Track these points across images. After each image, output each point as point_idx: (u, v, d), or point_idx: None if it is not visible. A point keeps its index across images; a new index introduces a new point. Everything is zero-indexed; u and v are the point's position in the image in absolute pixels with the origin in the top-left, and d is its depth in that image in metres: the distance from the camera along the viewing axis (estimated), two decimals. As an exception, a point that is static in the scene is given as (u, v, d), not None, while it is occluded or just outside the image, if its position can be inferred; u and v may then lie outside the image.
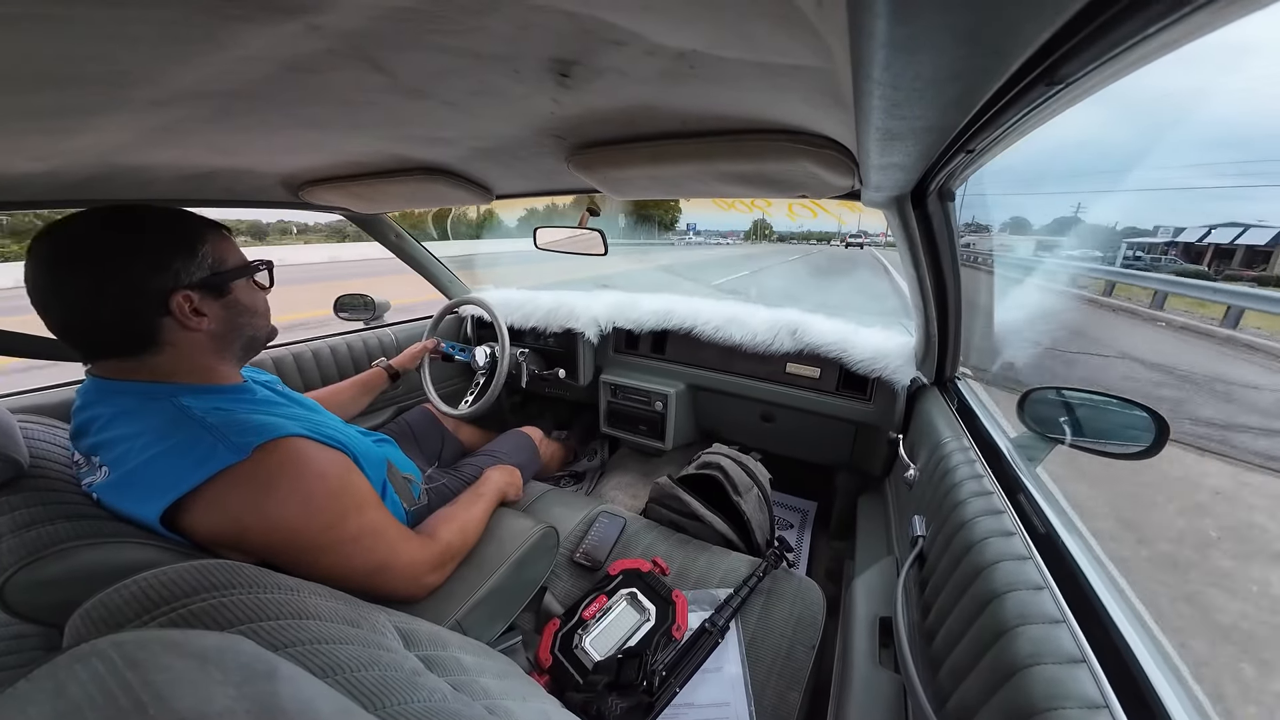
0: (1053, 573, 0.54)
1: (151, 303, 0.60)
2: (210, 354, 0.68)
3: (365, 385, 1.30)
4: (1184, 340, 6.91)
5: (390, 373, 1.35)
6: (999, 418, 0.99)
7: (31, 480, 0.58)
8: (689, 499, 1.20)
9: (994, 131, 0.43)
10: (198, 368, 0.66)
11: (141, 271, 0.59)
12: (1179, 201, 66.10)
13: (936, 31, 0.25)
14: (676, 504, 1.23)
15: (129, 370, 0.63)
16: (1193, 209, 67.23)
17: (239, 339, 0.71)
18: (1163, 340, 6.92)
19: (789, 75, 0.44)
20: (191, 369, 0.66)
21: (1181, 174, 75.42)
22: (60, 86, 0.43)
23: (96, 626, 0.33)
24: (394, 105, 0.56)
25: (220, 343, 0.68)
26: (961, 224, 0.84)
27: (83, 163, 0.70)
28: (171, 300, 0.61)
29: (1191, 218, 58.02)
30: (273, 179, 0.99)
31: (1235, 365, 5.61)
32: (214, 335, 0.67)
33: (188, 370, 0.65)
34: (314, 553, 0.63)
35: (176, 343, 0.63)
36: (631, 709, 0.73)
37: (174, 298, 0.61)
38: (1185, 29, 0.24)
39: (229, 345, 0.70)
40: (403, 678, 0.38)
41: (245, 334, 0.71)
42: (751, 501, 1.22)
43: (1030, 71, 0.31)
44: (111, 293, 0.58)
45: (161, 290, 0.60)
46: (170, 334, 0.63)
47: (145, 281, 0.59)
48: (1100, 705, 0.40)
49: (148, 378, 0.63)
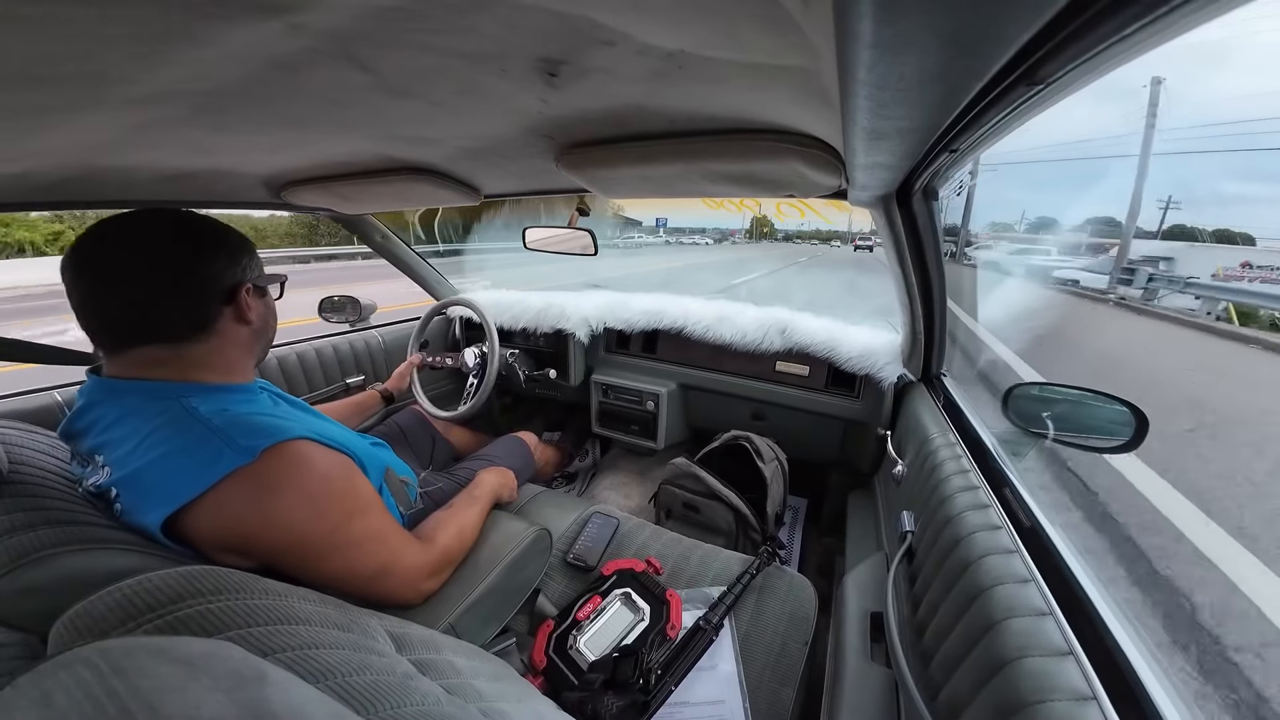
0: (1039, 566, 0.55)
1: (222, 290, 0.65)
2: (244, 349, 0.71)
3: (359, 406, 1.33)
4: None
5: (385, 395, 1.40)
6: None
7: (11, 486, 0.57)
8: (707, 476, 1.28)
9: (977, 131, 0.44)
10: (227, 361, 0.69)
11: (222, 264, 0.65)
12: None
13: (920, 33, 0.25)
14: (692, 483, 1.31)
15: (156, 362, 0.63)
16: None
17: (266, 339, 0.76)
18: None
19: (776, 75, 0.45)
20: (220, 362, 0.68)
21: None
22: (34, 86, 0.41)
23: (81, 634, 0.32)
24: (379, 105, 0.56)
25: (255, 339, 0.73)
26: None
27: (57, 164, 0.68)
28: (239, 291, 0.66)
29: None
30: (254, 179, 0.97)
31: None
32: (254, 331, 0.71)
33: (217, 363, 0.67)
34: (318, 556, 0.63)
35: (224, 333, 0.67)
36: (627, 708, 0.73)
37: (241, 289, 0.66)
38: (1161, 28, 0.24)
39: (259, 343, 0.74)
40: (395, 682, 0.38)
41: (269, 335, 0.76)
42: (771, 470, 1.33)
43: (1011, 72, 0.31)
44: (197, 273, 0.63)
45: (233, 282, 0.66)
46: (223, 324, 0.66)
47: (222, 272, 0.65)
48: (1088, 697, 0.40)
49: (168, 374, 0.63)
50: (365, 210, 1.32)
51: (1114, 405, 0.82)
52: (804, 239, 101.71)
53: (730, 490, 1.27)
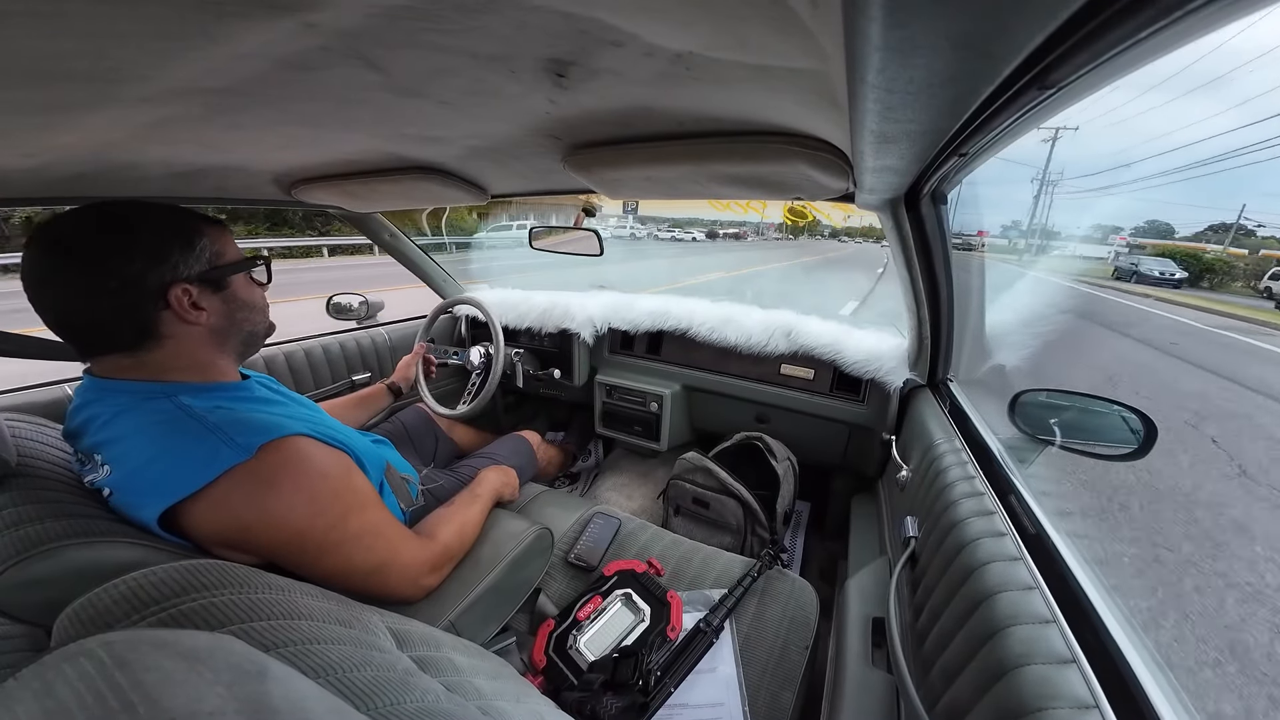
0: (1043, 573, 0.54)
1: (150, 295, 0.60)
2: (210, 349, 0.67)
3: (366, 400, 1.30)
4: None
5: (392, 389, 1.36)
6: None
7: (20, 479, 0.58)
8: (719, 470, 1.30)
9: (987, 135, 0.44)
10: (196, 363, 0.66)
11: (140, 265, 0.59)
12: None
13: (931, 36, 0.25)
14: (703, 478, 1.32)
15: (128, 368, 0.62)
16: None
17: (238, 334, 0.70)
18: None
19: (784, 78, 0.45)
20: (190, 364, 0.65)
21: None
22: (50, 82, 0.42)
23: (85, 626, 0.33)
24: (389, 104, 0.56)
25: (219, 337, 0.68)
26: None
27: (73, 159, 0.69)
28: (170, 293, 0.60)
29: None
30: (265, 177, 0.98)
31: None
32: (213, 329, 0.66)
33: (186, 365, 0.65)
34: (316, 552, 0.63)
35: (176, 336, 0.63)
36: (626, 709, 0.73)
37: (172, 290, 0.61)
38: (1176, 33, 0.24)
39: (228, 340, 0.69)
40: (395, 678, 0.38)
41: (244, 329, 0.71)
42: (784, 468, 1.36)
43: (1022, 76, 0.31)
44: (110, 287, 0.57)
45: (160, 283, 0.60)
46: (169, 327, 0.62)
47: (143, 274, 0.59)
48: (1090, 705, 0.40)
49: (146, 376, 0.62)
50: (374, 208, 1.33)
51: (1122, 412, 0.82)
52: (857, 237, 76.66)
53: (740, 485, 1.28)
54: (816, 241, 61.33)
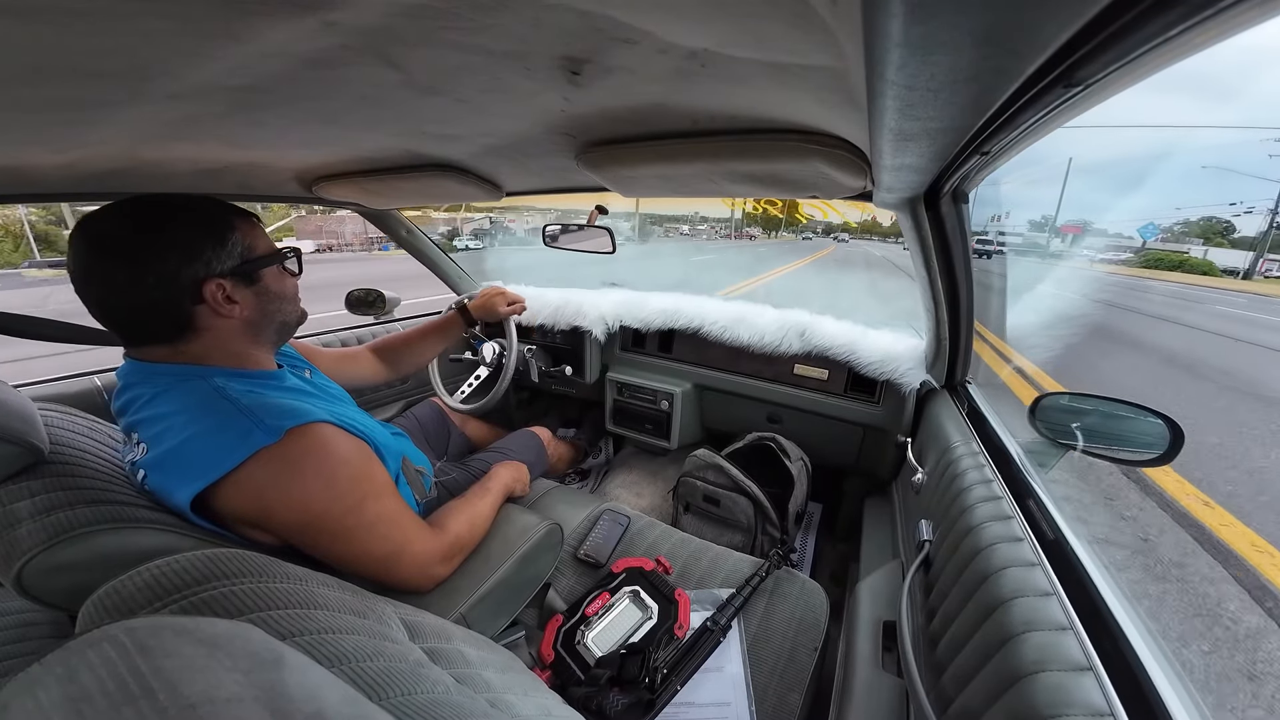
0: (1061, 579, 0.53)
1: (185, 291, 0.62)
2: (244, 340, 0.70)
3: (443, 329, 1.27)
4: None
5: (466, 318, 1.32)
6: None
7: (52, 466, 0.60)
8: (731, 468, 1.30)
9: (1010, 133, 0.43)
10: (232, 353, 0.69)
11: (175, 262, 0.61)
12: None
13: (953, 32, 0.25)
14: (714, 475, 1.32)
15: (167, 355, 0.65)
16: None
17: (271, 324, 0.73)
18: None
19: (801, 75, 0.44)
20: (226, 354, 0.68)
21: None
22: (80, 80, 0.43)
23: (109, 612, 0.34)
24: (407, 101, 0.57)
25: (253, 328, 0.70)
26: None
27: (102, 155, 0.71)
28: (205, 289, 0.63)
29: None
30: (287, 173, 1.00)
31: None
32: (247, 321, 0.69)
33: (222, 355, 0.68)
34: (332, 535, 0.65)
35: (212, 328, 0.66)
36: (632, 705, 0.73)
37: (207, 286, 0.63)
38: (1210, 30, 0.23)
39: (262, 331, 0.72)
40: (407, 669, 0.38)
41: (276, 319, 0.73)
42: (797, 469, 1.36)
43: (1048, 73, 0.30)
44: (147, 284, 0.59)
45: (194, 279, 0.62)
46: (205, 320, 0.65)
47: (178, 272, 0.61)
48: (1105, 714, 0.39)
49: (185, 361, 0.65)
50: (391, 205, 1.35)
51: (1148, 417, 0.79)
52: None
53: (751, 482, 1.28)
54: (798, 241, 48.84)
